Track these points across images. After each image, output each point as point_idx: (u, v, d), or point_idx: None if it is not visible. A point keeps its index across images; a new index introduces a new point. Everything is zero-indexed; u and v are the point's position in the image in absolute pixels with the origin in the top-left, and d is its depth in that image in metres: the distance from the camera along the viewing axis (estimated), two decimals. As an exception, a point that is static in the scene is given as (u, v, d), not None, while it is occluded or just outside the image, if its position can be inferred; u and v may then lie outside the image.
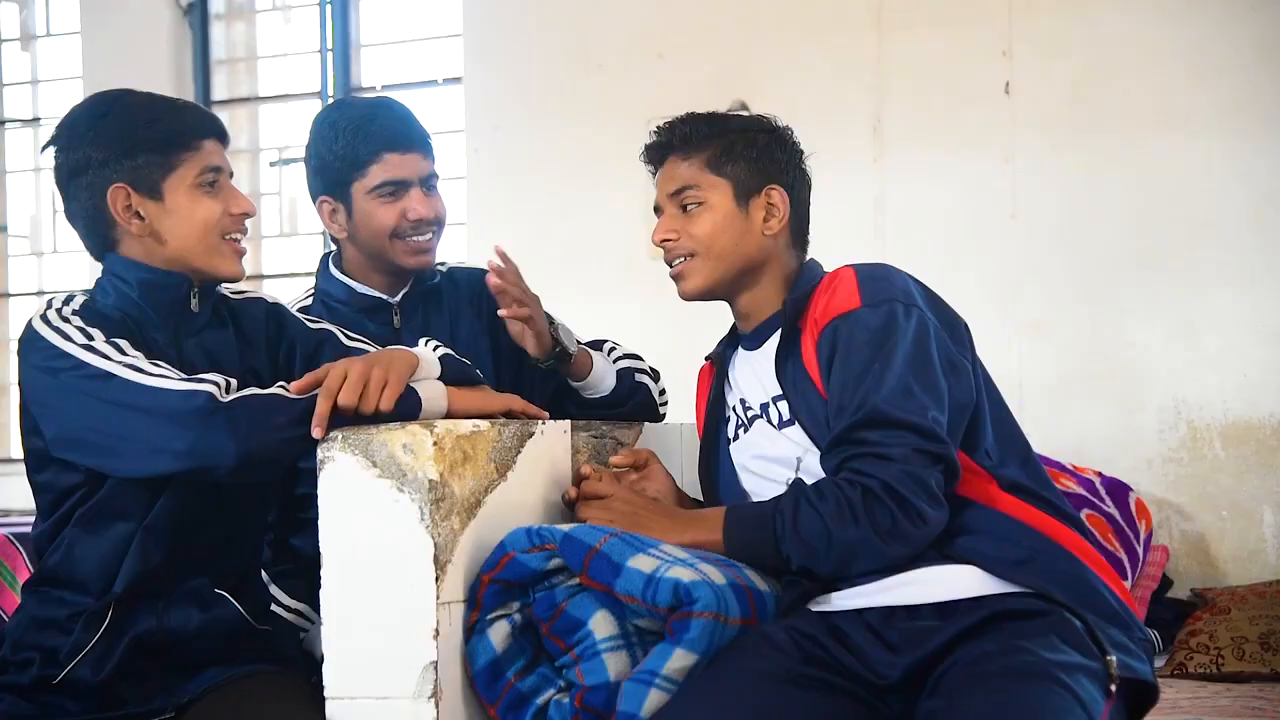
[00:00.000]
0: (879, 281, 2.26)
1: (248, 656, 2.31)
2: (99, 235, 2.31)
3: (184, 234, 2.29)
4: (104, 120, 2.28)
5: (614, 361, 2.78)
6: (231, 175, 2.37)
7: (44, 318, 2.23)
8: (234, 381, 2.15)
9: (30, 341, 2.22)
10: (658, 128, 2.45)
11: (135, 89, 2.38)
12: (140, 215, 2.28)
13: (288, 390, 2.14)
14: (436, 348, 2.35)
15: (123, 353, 2.16)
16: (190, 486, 2.22)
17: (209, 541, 2.30)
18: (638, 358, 2.86)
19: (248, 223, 2.39)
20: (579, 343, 2.73)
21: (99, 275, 2.34)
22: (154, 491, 2.23)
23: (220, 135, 2.35)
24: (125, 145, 2.26)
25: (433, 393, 2.24)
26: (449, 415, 2.24)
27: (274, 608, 2.50)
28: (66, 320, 2.22)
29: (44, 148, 2.34)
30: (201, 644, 2.27)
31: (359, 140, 2.77)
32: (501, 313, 2.66)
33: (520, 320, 2.65)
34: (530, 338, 2.67)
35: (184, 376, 2.13)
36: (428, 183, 2.81)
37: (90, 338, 2.18)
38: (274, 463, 2.16)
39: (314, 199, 2.87)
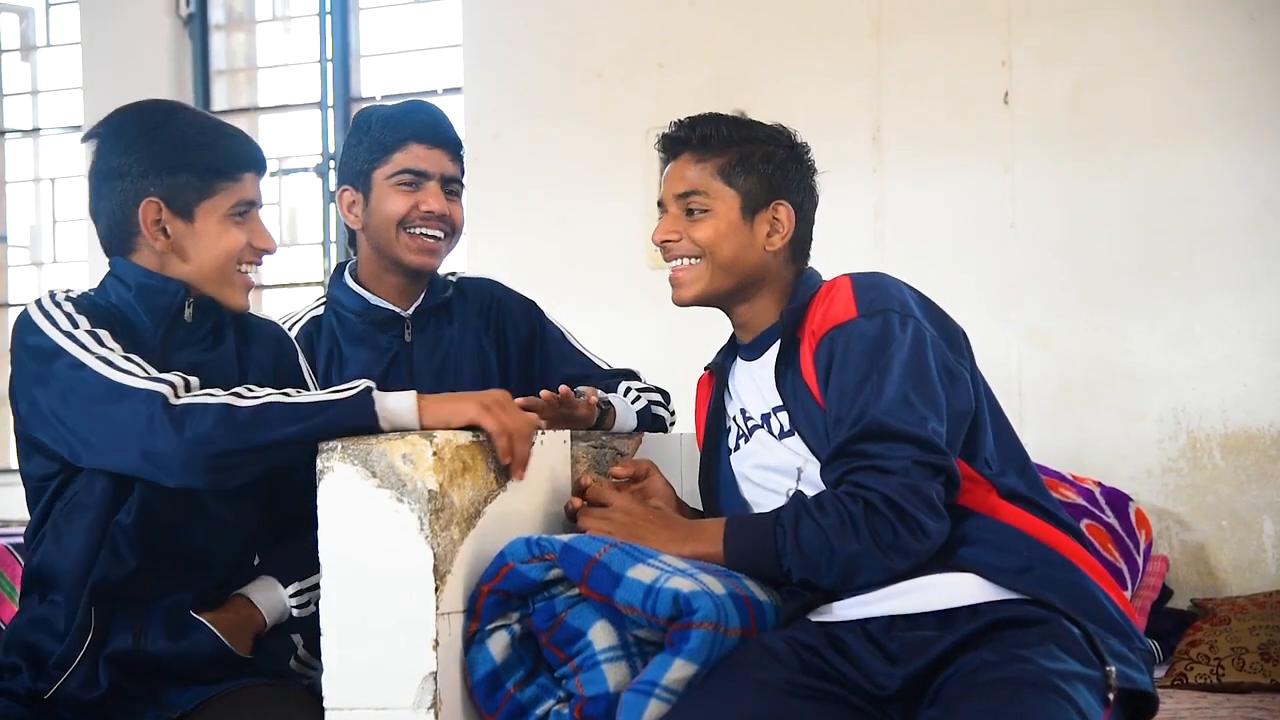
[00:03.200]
0: (874, 291, 2.25)
1: (240, 672, 2.30)
2: (118, 238, 2.34)
3: (204, 258, 2.32)
4: (155, 132, 2.31)
5: (632, 402, 2.77)
6: (262, 207, 2.39)
7: (38, 301, 2.28)
8: (195, 381, 2.16)
9: (21, 322, 2.27)
10: (679, 121, 2.43)
11: (189, 106, 2.44)
12: (166, 232, 2.31)
13: (242, 395, 2.14)
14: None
15: (100, 343, 2.19)
16: (156, 486, 2.22)
17: (185, 552, 2.30)
18: (651, 389, 2.86)
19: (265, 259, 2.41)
20: (605, 403, 2.70)
21: (104, 275, 2.37)
22: (123, 484, 2.24)
23: (261, 168, 2.38)
24: (169, 163, 2.29)
25: (400, 405, 2.17)
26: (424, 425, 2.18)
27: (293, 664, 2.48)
28: (58, 305, 2.26)
29: (85, 138, 2.36)
30: (182, 667, 2.27)
31: (388, 129, 2.79)
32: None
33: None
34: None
35: (150, 374, 2.15)
36: (448, 184, 2.82)
37: (75, 324, 2.22)
38: (219, 472, 2.14)
39: (338, 193, 2.87)
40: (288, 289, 6.04)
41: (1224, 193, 4.41)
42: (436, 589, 2.10)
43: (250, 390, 2.16)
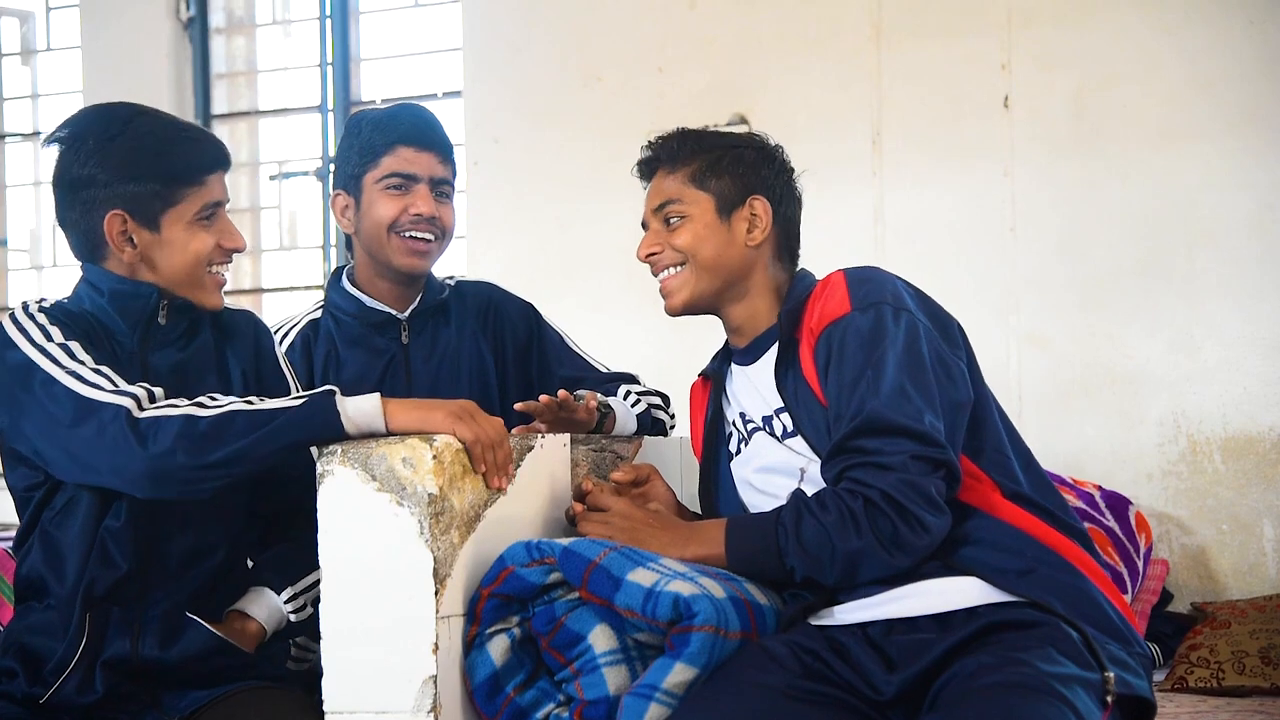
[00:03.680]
0: (868, 284, 2.26)
1: (238, 674, 2.30)
2: (87, 247, 2.33)
3: (174, 265, 2.32)
4: (113, 142, 2.28)
5: (632, 406, 2.78)
6: (228, 204, 2.38)
7: (12, 314, 2.28)
8: (160, 392, 2.16)
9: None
10: (648, 143, 2.47)
11: (147, 108, 2.38)
12: (133, 242, 2.30)
13: (205, 405, 2.13)
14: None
15: (72, 357, 2.20)
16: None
17: (176, 552, 2.30)
18: (651, 393, 2.86)
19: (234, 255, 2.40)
20: (605, 406, 2.70)
21: (77, 281, 2.37)
22: (109, 490, 2.24)
23: (225, 165, 2.36)
24: (130, 172, 2.27)
25: (364, 407, 2.16)
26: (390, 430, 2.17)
27: (293, 656, 2.48)
28: (32, 317, 2.26)
29: (46, 143, 2.34)
30: (181, 671, 2.27)
31: (378, 132, 2.80)
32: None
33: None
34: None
35: (117, 387, 2.15)
36: (438, 187, 2.82)
37: (48, 337, 2.22)
38: (186, 484, 2.15)
39: (332, 198, 2.88)
40: (288, 292, 6.05)
41: (1224, 196, 4.41)
42: (436, 592, 2.10)
43: (214, 399, 2.15)
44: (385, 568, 2.12)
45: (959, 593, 2.12)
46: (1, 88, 6.58)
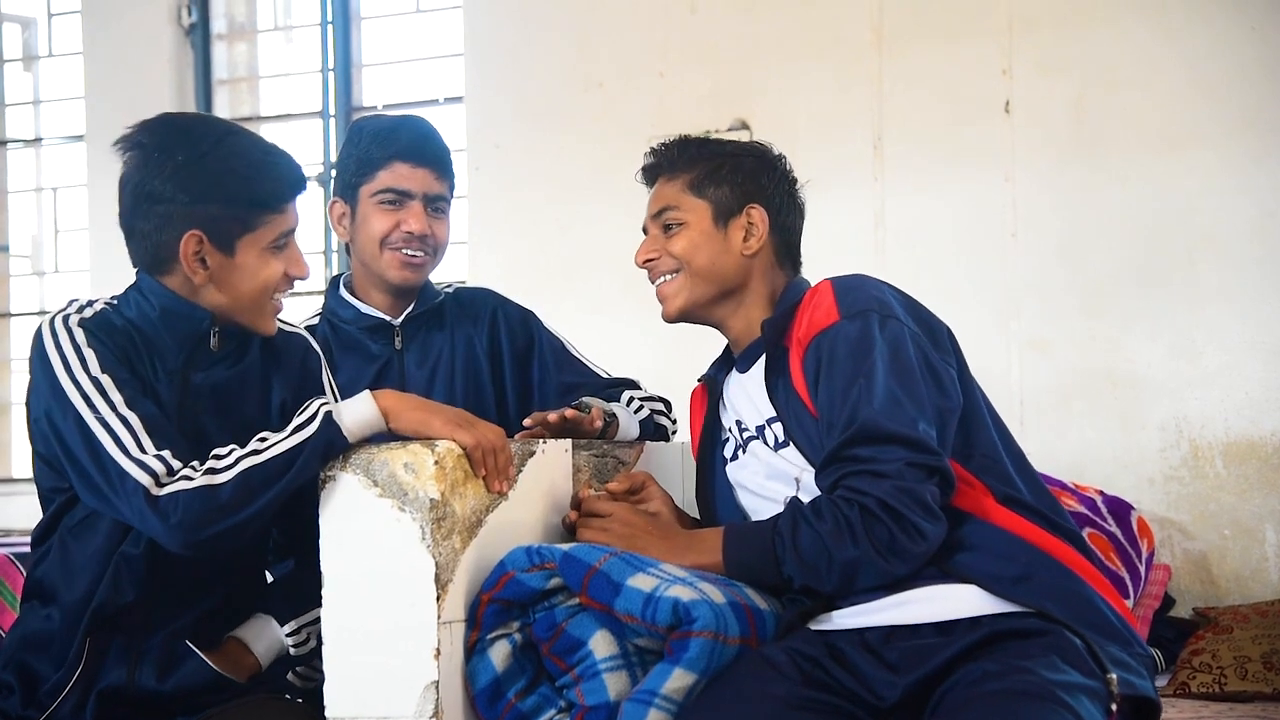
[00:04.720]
0: (855, 293, 2.26)
1: (231, 697, 2.28)
2: (152, 259, 2.27)
3: (242, 290, 2.27)
4: (203, 160, 2.22)
5: (635, 412, 2.78)
6: (298, 227, 2.34)
7: (51, 322, 2.24)
8: (177, 465, 2.12)
9: (36, 337, 2.23)
10: (651, 149, 2.48)
11: (235, 125, 2.34)
12: (206, 264, 2.24)
13: (216, 470, 2.11)
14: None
15: (103, 395, 2.16)
16: None
17: (188, 580, 2.28)
18: (653, 398, 2.86)
19: None
20: (610, 415, 2.68)
21: (128, 285, 2.31)
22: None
23: (303, 189, 2.32)
24: (215, 195, 2.21)
25: (361, 415, 2.17)
26: (391, 427, 2.19)
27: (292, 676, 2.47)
28: (70, 331, 2.21)
29: (123, 147, 2.25)
30: (175, 701, 2.25)
31: (376, 145, 2.80)
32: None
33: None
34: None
35: (140, 452, 2.12)
36: (433, 203, 2.82)
37: (84, 363, 2.18)
38: (214, 548, 2.14)
39: (330, 204, 2.90)
40: (288, 297, 6.03)
41: (1225, 201, 4.41)
42: (438, 598, 2.10)
43: (220, 458, 2.13)
44: (387, 573, 2.12)
45: (959, 601, 2.12)
46: (3, 93, 6.58)
